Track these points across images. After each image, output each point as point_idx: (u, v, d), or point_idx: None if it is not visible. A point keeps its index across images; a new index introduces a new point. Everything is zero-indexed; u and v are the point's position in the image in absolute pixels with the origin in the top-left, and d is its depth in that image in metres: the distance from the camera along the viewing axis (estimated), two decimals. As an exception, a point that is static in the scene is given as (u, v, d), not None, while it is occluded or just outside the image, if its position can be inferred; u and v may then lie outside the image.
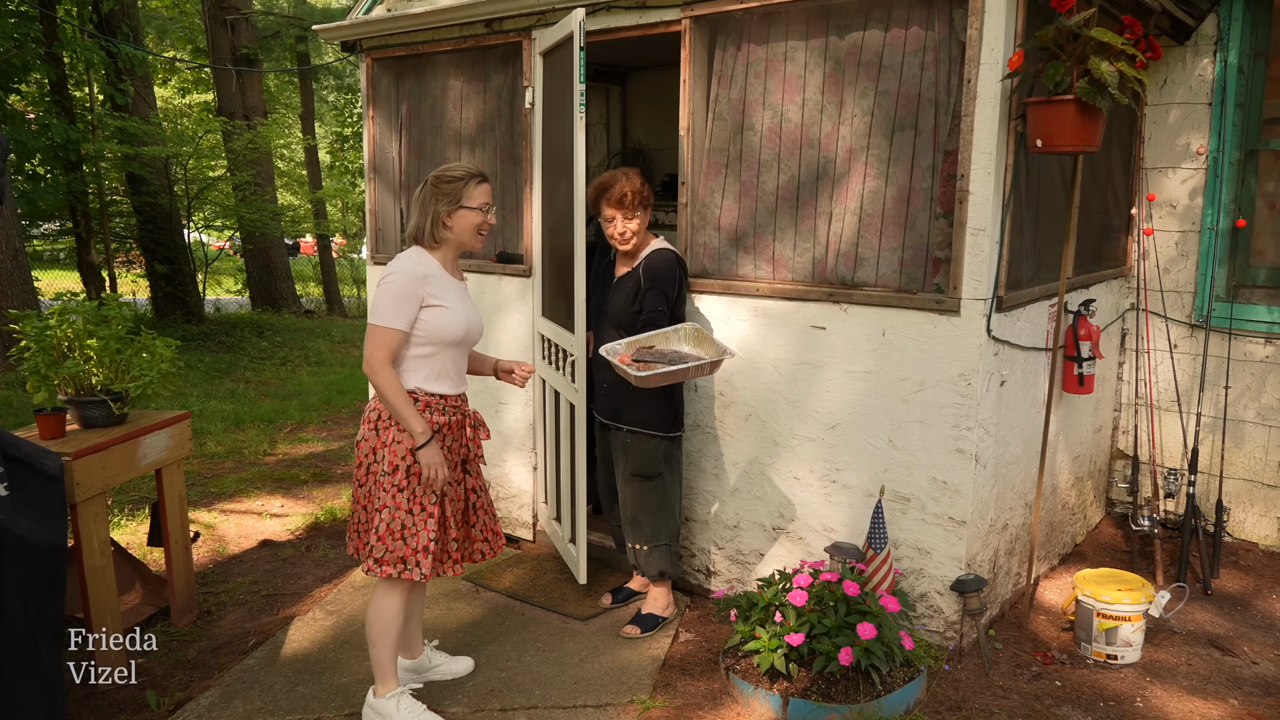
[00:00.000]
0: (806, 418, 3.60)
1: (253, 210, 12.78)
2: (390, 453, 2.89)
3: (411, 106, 4.84)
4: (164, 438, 3.73)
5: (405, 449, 2.89)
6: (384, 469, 2.90)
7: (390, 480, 2.89)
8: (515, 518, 4.65)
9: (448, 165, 3.02)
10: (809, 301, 3.53)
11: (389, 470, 2.89)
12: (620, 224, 3.52)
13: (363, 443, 2.98)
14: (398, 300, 2.84)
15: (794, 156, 3.55)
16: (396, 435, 2.89)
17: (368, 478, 2.97)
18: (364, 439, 2.98)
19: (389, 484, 2.89)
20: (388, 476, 2.89)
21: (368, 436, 2.97)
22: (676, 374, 3.09)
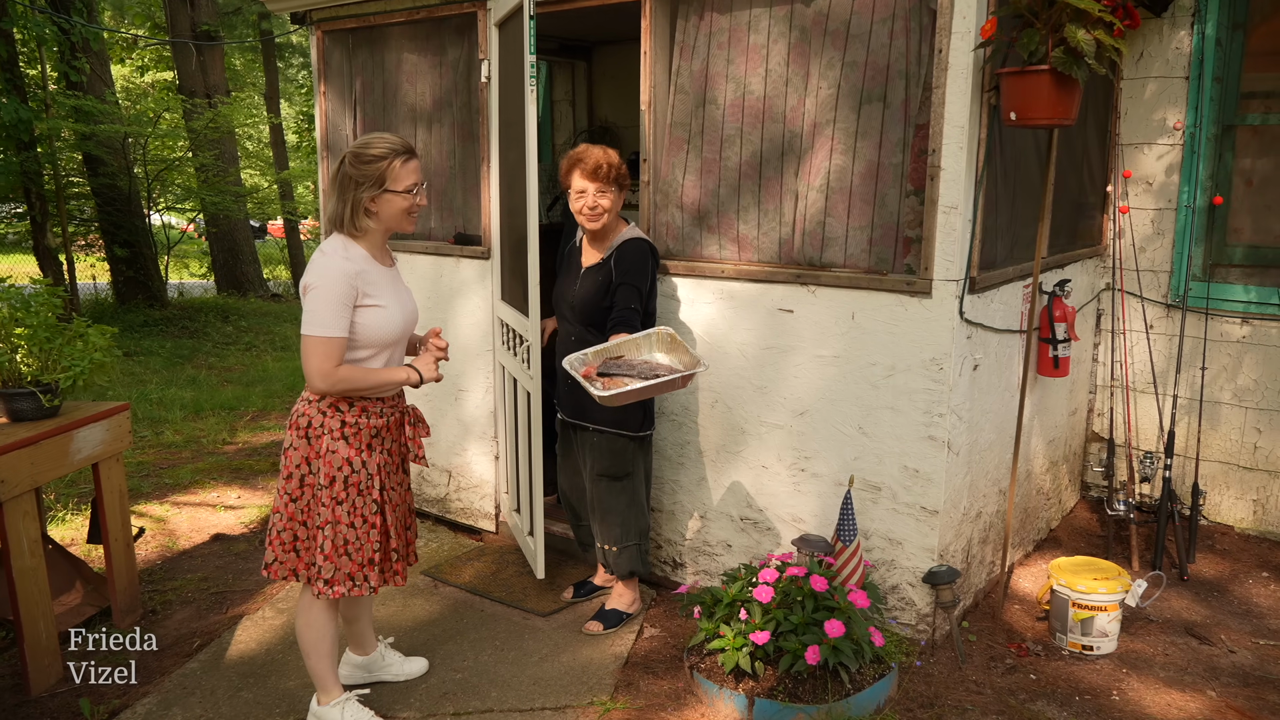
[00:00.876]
0: (774, 404, 3.46)
1: (215, 192, 12.46)
2: (325, 463, 2.69)
3: (365, 81, 4.64)
4: (100, 430, 3.54)
5: (342, 458, 2.70)
6: (320, 481, 2.70)
7: (329, 494, 2.70)
8: (477, 509, 4.49)
9: (367, 139, 2.66)
10: (776, 283, 3.38)
11: (326, 483, 2.70)
12: (591, 197, 3.26)
13: (291, 451, 2.74)
14: (334, 304, 2.57)
15: (757, 131, 3.39)
16: (331, 444, 2.69)
17: (301, 490, 2.74)
18: (293, 447, 2.74)
19: (327, 498, 2.70)
20: (325, 490, 2.70)
21: (297, 445, 2.73)
22: (645, 391, 2.86)
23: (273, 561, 2.80)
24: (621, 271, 3.27)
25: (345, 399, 2.71)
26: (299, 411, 2.76)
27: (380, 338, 2.69)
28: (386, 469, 2.80)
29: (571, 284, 3.43)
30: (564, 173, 3.32)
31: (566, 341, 3.42)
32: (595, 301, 3.32)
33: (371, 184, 2.64)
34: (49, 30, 11.28)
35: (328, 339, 2.59)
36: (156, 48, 16.43)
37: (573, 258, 3.51)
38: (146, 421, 7.29)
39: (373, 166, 2.64)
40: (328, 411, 2.71)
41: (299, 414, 2.76)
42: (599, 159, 3.24)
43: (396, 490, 2.85)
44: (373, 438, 2.75)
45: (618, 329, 3.15)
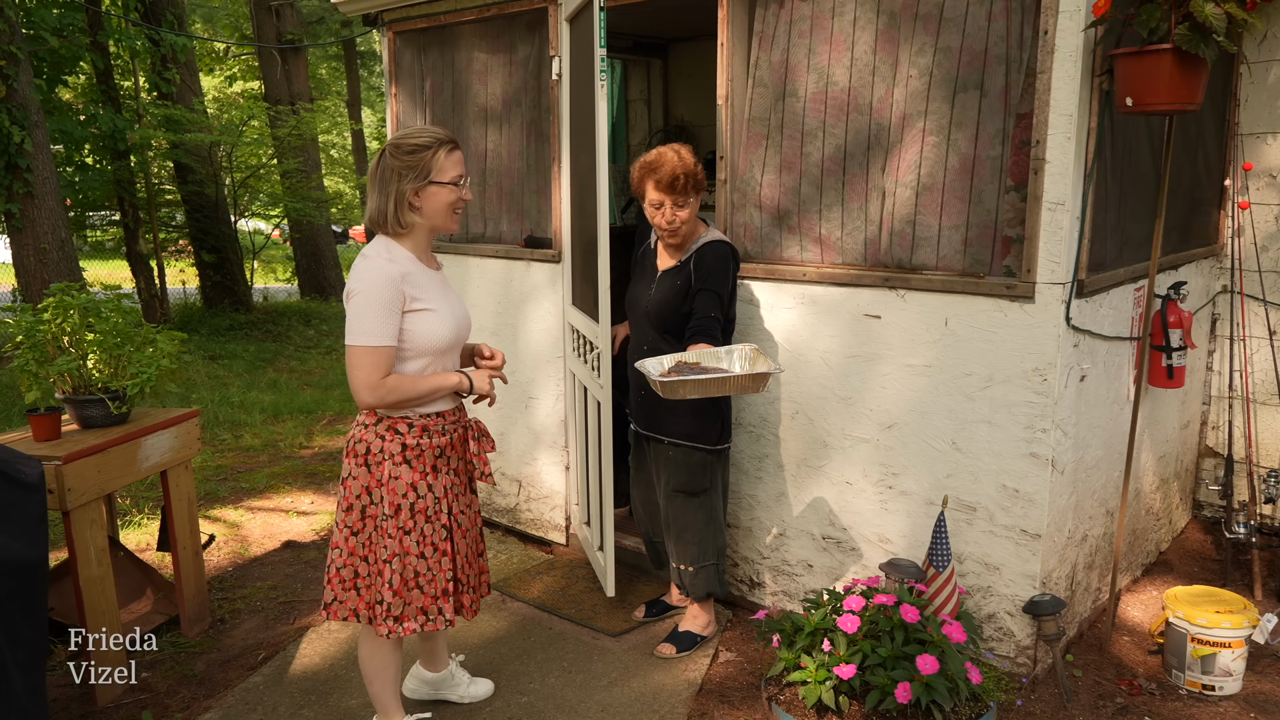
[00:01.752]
0: (859, 416, 3.24)
1: (297, 199, 12.68)
2: (389, 491, 2.54)
3: (435, 82, 4.55)
4: (168, 438, 3.50)
5: (406, 484, 2.55)
6: (384, 511, 2.54)
7: (394, 524, 2.54)
8: (547, 520, 4.36)
9: (407, 130, 2.52)
10: (862, 287, 3.16)
11: (390, 512, 2.54)
12: (669, 211, 3.05)
13: (350, 481, 2.59)
14: (378, 310, 2.41)
15: (841, 124, 3.18)
16: (393, 470, 2.54)
17: (363, 523, 2.58)
18: (352, 476, 2.58)
19: (393, 528, 2.54)
20: (390, 520, 2.54)
21: (356, 473, 2.57)
22: (711, 385, 2.68)
23: (332, 601, 2.64)
24: (701, 276, 3.08)
25: (404, 418, 2.56)
26: (355, 437, 2.59)
27: (432, 343, 2.53)
28: (454, 491, 2.66)
29: (646, 288, 3.25)
30: (636, 181, 3.11)
31: (639, 349, 3.25)
32: (672, 307, 3.13)
33: (415, 175, 2.48)
34: (141, 43, 11.63)
35: (374, 349, 2.44)
36: (244, 59, 16.85)
37: (647, 260, 3.32)
38: (227, 424, 7.38)
39: (416, 157, 2.48)
40: (386, 435, 2.57)
41: (355, 439, 2.59)
42: (674, 169, 3.00)
43: (466, 513, 2.71)
44: (437, 458, 2.61)
45: (697, 338, 2.96)
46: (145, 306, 12.06)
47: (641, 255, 3.34)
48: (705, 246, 3.11)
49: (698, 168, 3.05)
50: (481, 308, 4.41)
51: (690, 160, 3.02)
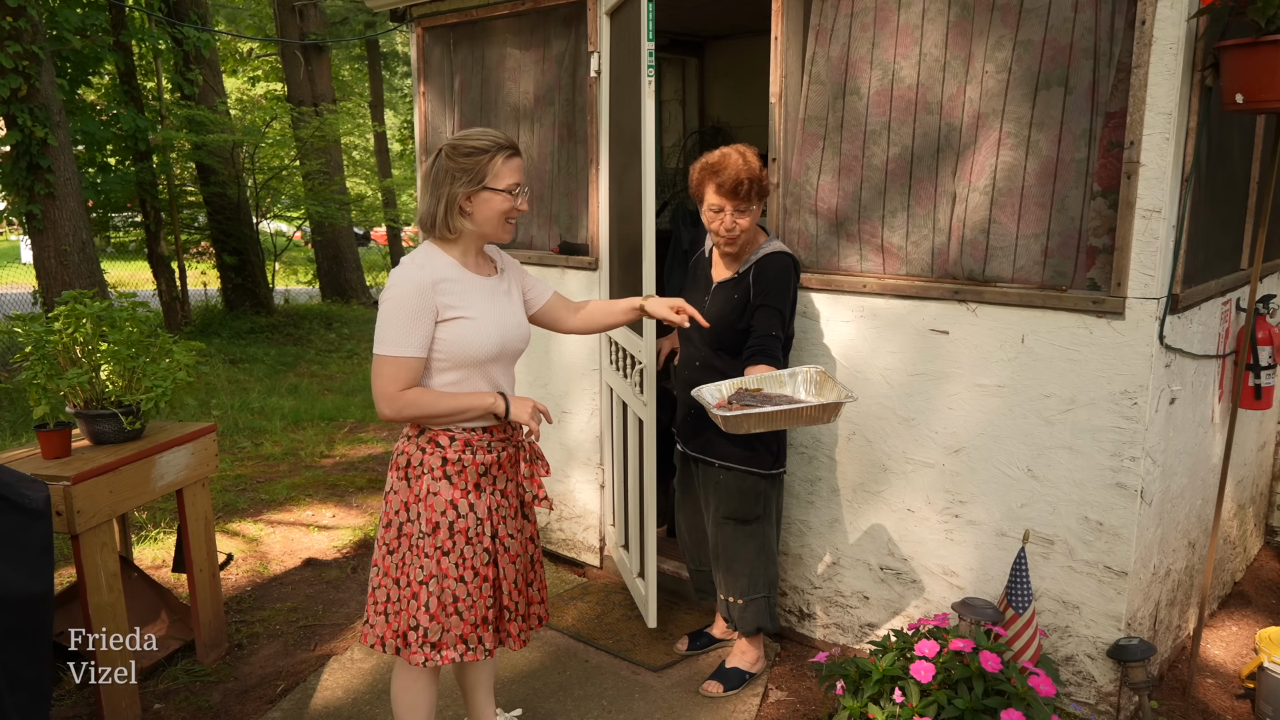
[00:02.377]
0: (923, 439, 3.00)
1: (317, 201, 12.54)
2: (427, 508, 2.36)
3: (465, 80, 4.35)
4: (185, 455, 3.31)
5: (445, 501, 2.36)
6: (421, 529, 2.36)
7: (431, 543, 2.35)
8: (580, 541, 4.14)
9: (467, 132, 2.37)
10: (928, 300, 2.92)
11: (428, 530, 2.36)
12: (729, 218, 2.81)
13: (391, 495, 2.43)
14: (404, 319, 2.26)
15: (907, 124, 2.94)
16: (432, 485, 2.36)
17: (399, 541, 2.41)
18: (393, 490, 2.43)
19: (430, 547, 2.35)
20: (427, 539, 2.36)
21: (397, 488, 2.42)
22: (778, 418, 2.44)
23: (364, 623, 2.49)
24: (761, 290, 2.85)
25: (445, 430, 2.38)
26: (399, 449, 2.45)
27: (469, 354, 2.34)
28: (500, 513, 2.45)
29: (699, 301, 3.01)
30: (695, 184, 2.88)
31: (690, 366, 3.02)
32: (728, 323, 2.90)
33: (469, 179, 2.32)
34: (164, 43, 11.52)
35: (395, 359, 2.28)
36: (268, 60, 16.77)
37: (701, 270, 3.08)
38: (247, 432, 7.22)
39: (472, 160, 2.32)
40: (427, 448, 2.39)
41: (399, 452, 2.45)
42: (739, 172, 2.77)
43: (515, 539, 2.49)
44: (480, 476, 2.41)
45: (757, 359, 2.74)
46: (166, 309, 11.95)
47: (695, 264, 3.11)
48: (766, 258, 2.88)
49: (763, 173, 2.82)
50: (513, 317, 4.20)
51: (756, 164, 2.80)
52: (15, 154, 9.40)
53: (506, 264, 2.58)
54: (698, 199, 2.87)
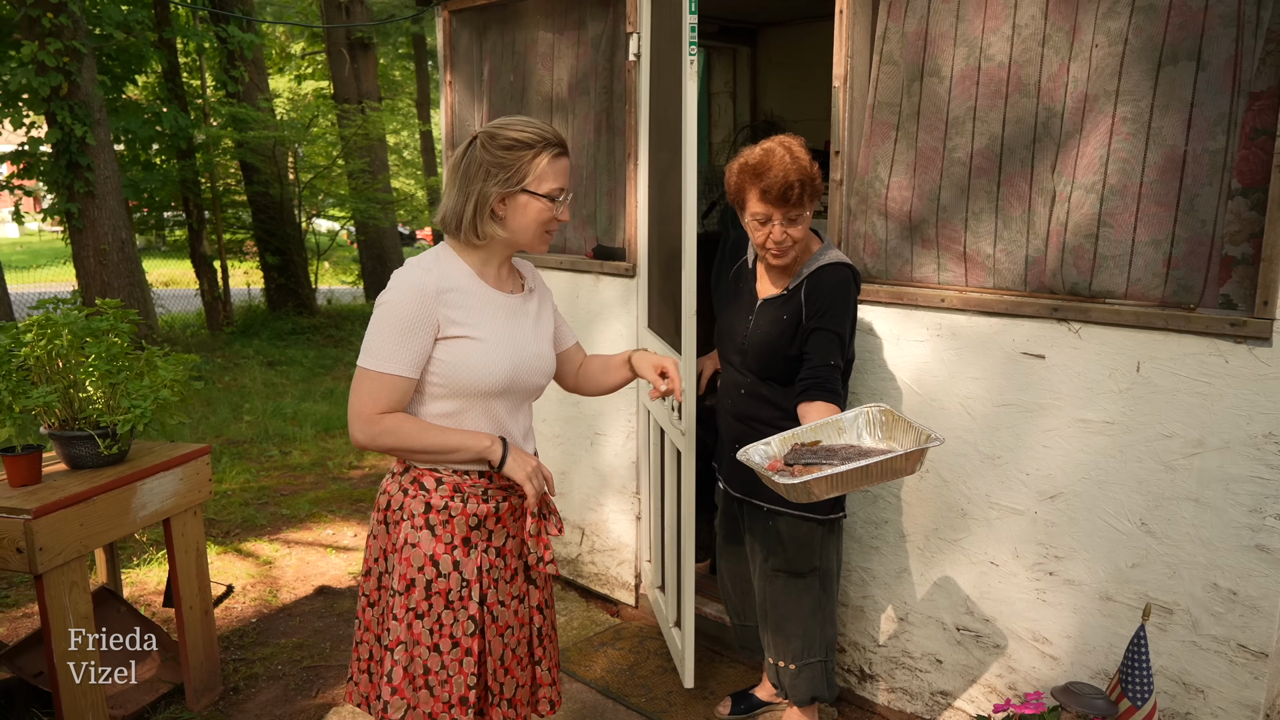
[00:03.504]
0: (1011, 481, 2.55)
1: (362, 199, 12.32)
2: (403, 561, 1.98)
3: (494, 67, 3.98)
4: (172, 480, 2.97)
5: (423, 555, 1.98)
6: (394, 585, 1.99)
7: (403, 602, 1.97)
8: (613, 576, 3.74)
9: (508, 120, 1.96)
10: (1020, 318, 2.47)
11: (400, 588, 1.98)
12: (778, 229, 2.34)
13: (372, 540, 2.08)
14: (397, 330, 1.89)
15: (997, 110, 2.49)
16: (411, 534, 1.98)
17: (378, 593, 2.06)
18: (373, 534, 2.08)
19: (401, 608, 1.97)
20: (399, 597, 1.97)
21: (376, 532, 2.07)
22: (849, 479, 1.97)
23: (349, 680, 2.16)
24: (816, 310, 2.40)
25: (432, 470, 2.00)
26: (382, 487, 2.10)
27: (470, 382, 1.94)
28: (494, 575, 2.05)
29: (742, 319, 2.57)
30: (734, 189, 2.42)
31: (733, 393, 2.60)
32: (777, 347, 2.46)
33: (506, 178, 1.92)
34: (208, 41, 11.38)
35: (378, 375, 1.90)
36: (315, 59, 16.67)
37: (744, 282, 2.63)
38: (277, 439, 6.95)
39: (511, 155, 1.91)
40: (410, 489, 2.01)
41: (381, 490, 2.10)
42: (786, 173, 2.28)
43: (508, 607, 2.08)
44: (472, 529, 2.01)
45: (813, 394, 2.31)
46: (208, 308, 11.82)
47: (736, 275, 2.66)
48: (821, 271, 2.43)
49: (814, 170, 2.35)
50: (542, 327, 3.81)
51: (806, 161, 2.33)
52: (55, 152, 9.29)
53: (537, 283, 2.18)
54: (737, 206, 2.43)
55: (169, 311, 11.74)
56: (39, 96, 9.06)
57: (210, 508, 5.30)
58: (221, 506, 5.33)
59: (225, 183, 12.85)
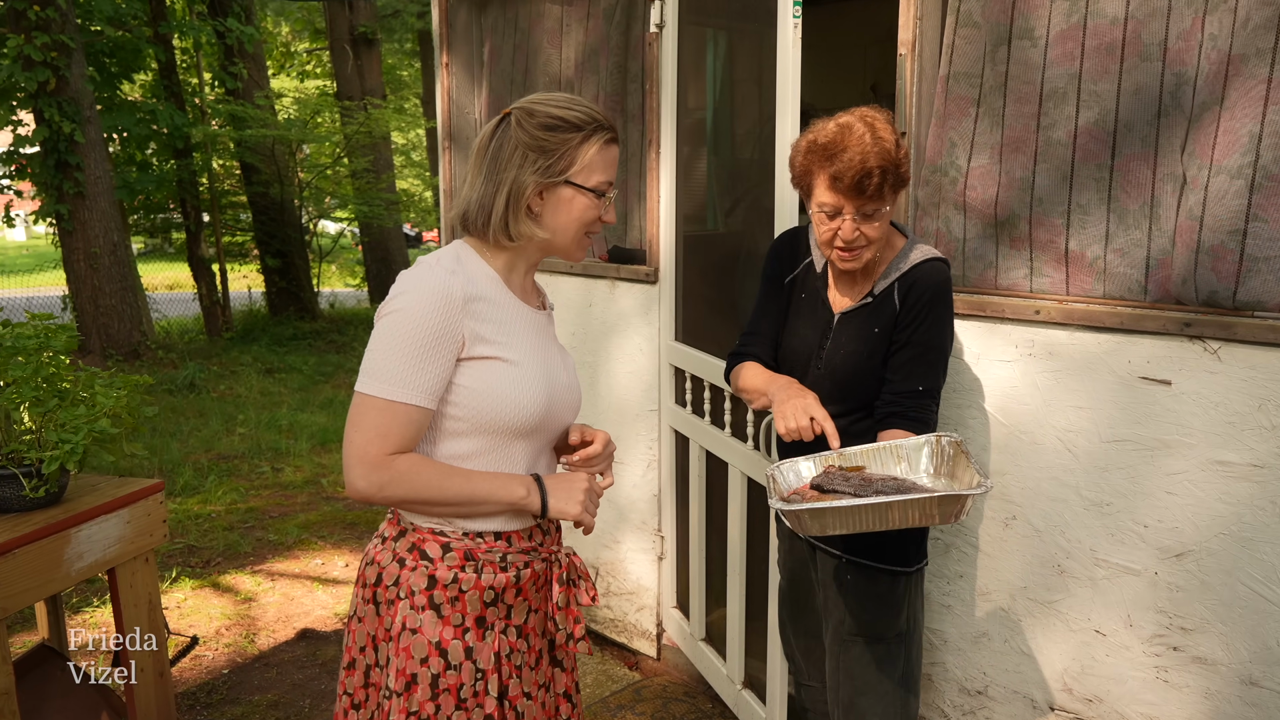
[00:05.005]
0: (1124, 534, 2.08)
1: (365, 200, 11.91)
2: (401, 652, 1.55)
3: (494, 46, 3.53)
4: (116, 525, 2.53)
5: (427, 643, 1.55)
6: (390, 684, 1.56)
7: (402, 705, 1.54)
8: (632, 624, 3.29)
9: (550, 96, 1.60)
10: (1138, 334, 2.00)
11: (400, 687, 1.55)
12: (849, 225, 1.85)
13: (355, 624, 1.65)
14: (414, 346, 1.48)
15: (1109, 79, 2.02)
16: (410, 617, 1.56)
17: (366, 692, 1.64)
18: (358, 616, 1.65)
19: (400, 712, 1.54)
20: (398, 698, 1.55)
21: (363, 613, 1.64)
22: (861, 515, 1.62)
23: None
24: (913, 319, 1.93)
25: (437, 534, 1.58)
26: (368, 555, 1.66)
27: (497, 415, 1.55)
28: (515, 661, 1.63)
29: (817, 337, 2.06)
30: (799, 171, 1.93)
31: None
32: (869, 369, 1.97)
33: (547, 166, 1.55)
34: (205, 35, 10.99)
35: (388, 405, 1.49)
36: (317, 55, 16.29)
37: (813, 293, 2.11)
38: (270, 454, 6.54)
39: (556, 137, 1.55)
40: (408, 559, 1.59)
41: (368, 559, 1.65)
42: (864, 159, 1.78)
43: (534, 699, 1.65)
44: (487, 606, 1.59)
45: (894, 423, 1.89)
46: (207, 313, 11.43)
47: (797, 283, 2.14)
48: (918, 271, 1.95)
49: (902, 154, 1.86)
50: (550, 340, 3.37)
51: (890, 142, 1.84)
52: (44, 151, 8.90)
53: (551, 303, 1.81)
54: (802, 191, 1.97)
55: (166, 317, 11.34)
56: (26, 93, 8.68)
57: (192, 533, 4.88)
58: (204, 531, 4.91)
59: (228, 183, 12.47)
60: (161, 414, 7.59)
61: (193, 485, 5.72)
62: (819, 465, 1.84)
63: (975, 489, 1.60)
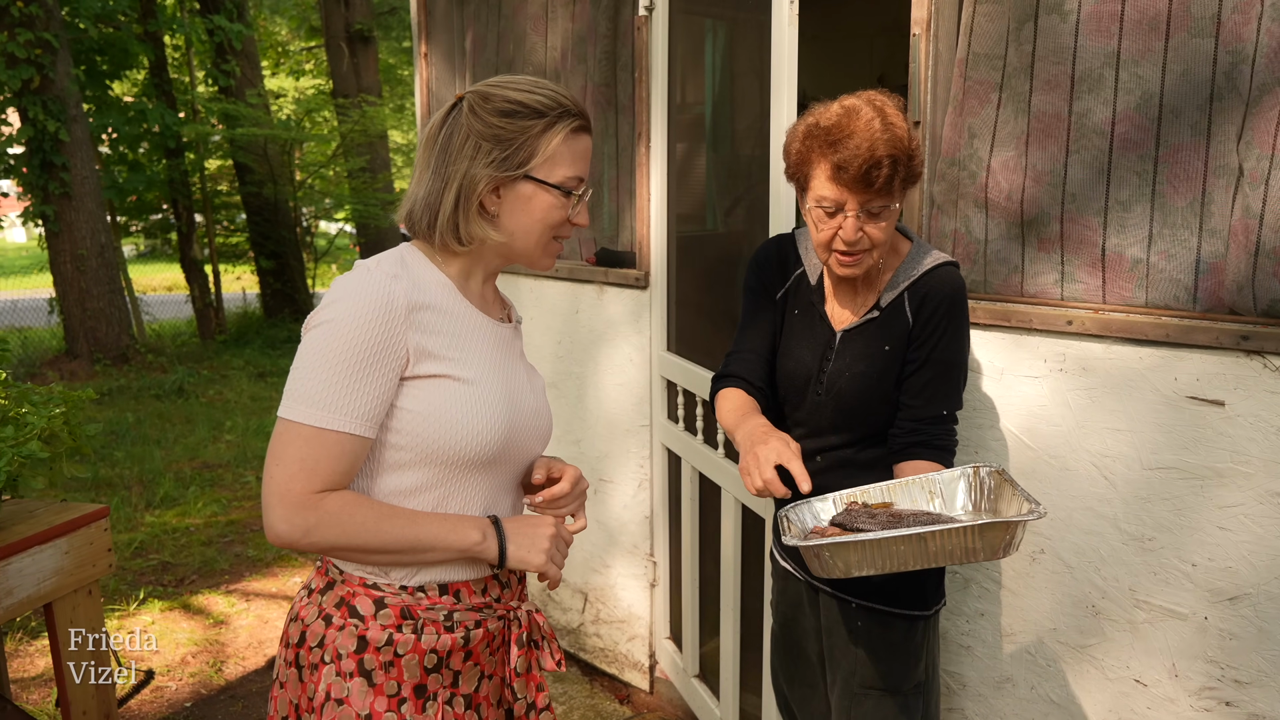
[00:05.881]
0: (1168, 573, 1.84)
1: (357, 200, 11.69)
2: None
3: (477, 35, 3.30)
4: (52, 556, 2.31)
5: (355, 714, 1.32)
6: None
7: None
8: (623, 654, 3.06)
9: (509, 79, 1.39)
10: (1187, 348, 1.77)
11: None
12: (851, 223, 1.59)
13: (278, 691, 1.42)
14: (346, 364, 1.26)
15: (1152, 58, 1.79)
16: (336, 686, 1.33)
17: None
18: (279, 680, 1.42)
19: None
20: None
21: (284, 678, 1.41)
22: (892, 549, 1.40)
23: None
24: (931, 337, 1.69)
25: (368, 585, 1.35)
26: (293, 611, 1.43)
27: (448, 444, 1.33)
28: None
29: (812, 358, 1.80)
30: (795, 159, 1.67)
31: (808, 459, 1.81)
32: (873, 392, 1.72)
33: (503, 158, 1.34)
34: (195, 33, 10.78)
35: (316, 434, 1.26)
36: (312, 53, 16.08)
37: (808, 308, 1.84)
38: (255, 462, 6.32)
39: (513, 124, 1.34)
40: (335, 615, 1.36)
41: (292, 615, 1.43)
42: (872, 146, 1.54)
43: None
44: (429, 672, 1.37)
45: (918, 453, 1.66)
46: (199, 316, 11.22)
47: (789, 298, 1.87)
48: (929, 279, 1.71)
49: (915, 144, 1.61)
50: (536, 350, 3.13)
51: (902, 129, 1.59)
52: (28, 150, 8.69)
53: (519, 315, 1.57)
54: (798, 184, 1.71)
55: (157, 319, 11.13)
56: (10, 91, 8.46)
57: (167, 548, 4.67)
58: (180, 547, 4.70)
59: (222, 184, 12.26)
60: (147, 420, 7.39)
61: (173, 496, 5.51)
62: (839, 504, 1.62)
63: (1025, 515, 1.38)
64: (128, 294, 9.95)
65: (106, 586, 4.08)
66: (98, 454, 6.28)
